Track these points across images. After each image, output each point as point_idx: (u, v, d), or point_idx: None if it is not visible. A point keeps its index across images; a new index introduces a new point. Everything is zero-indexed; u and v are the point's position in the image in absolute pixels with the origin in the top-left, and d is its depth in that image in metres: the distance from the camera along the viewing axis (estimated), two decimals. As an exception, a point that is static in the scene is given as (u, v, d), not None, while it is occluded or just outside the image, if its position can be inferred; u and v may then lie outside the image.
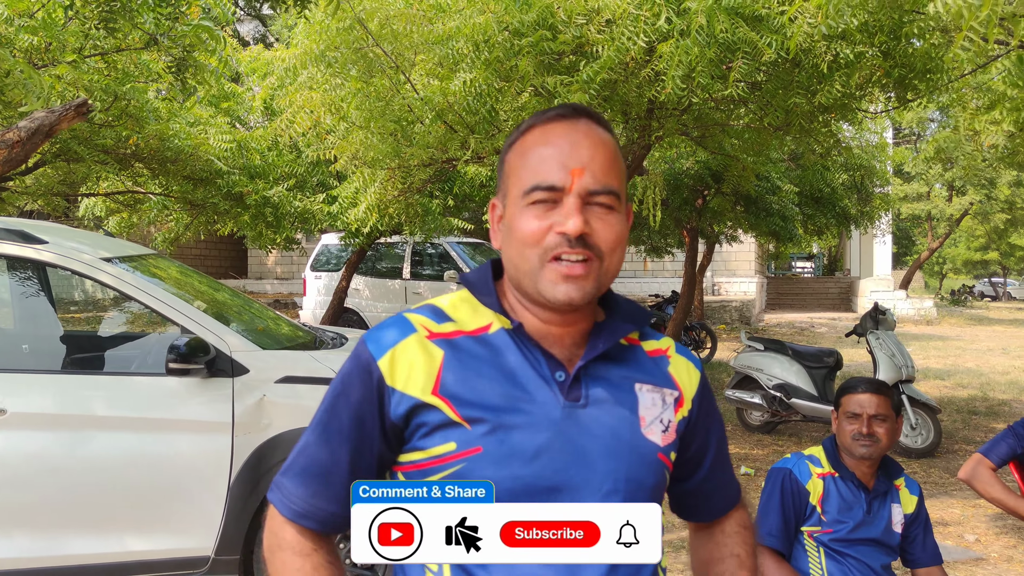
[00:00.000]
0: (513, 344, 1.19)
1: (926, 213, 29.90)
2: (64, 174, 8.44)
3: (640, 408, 1.21)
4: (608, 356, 1.22)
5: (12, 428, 3.34)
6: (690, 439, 1.29)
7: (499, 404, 1.14)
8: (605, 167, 1.15)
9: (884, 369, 6.99)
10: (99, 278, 3.61)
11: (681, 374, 1.29)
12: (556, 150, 1.14)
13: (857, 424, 2.51)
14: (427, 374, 1.16)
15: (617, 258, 1.16)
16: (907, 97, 5.77)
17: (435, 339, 1.19)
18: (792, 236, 10.56)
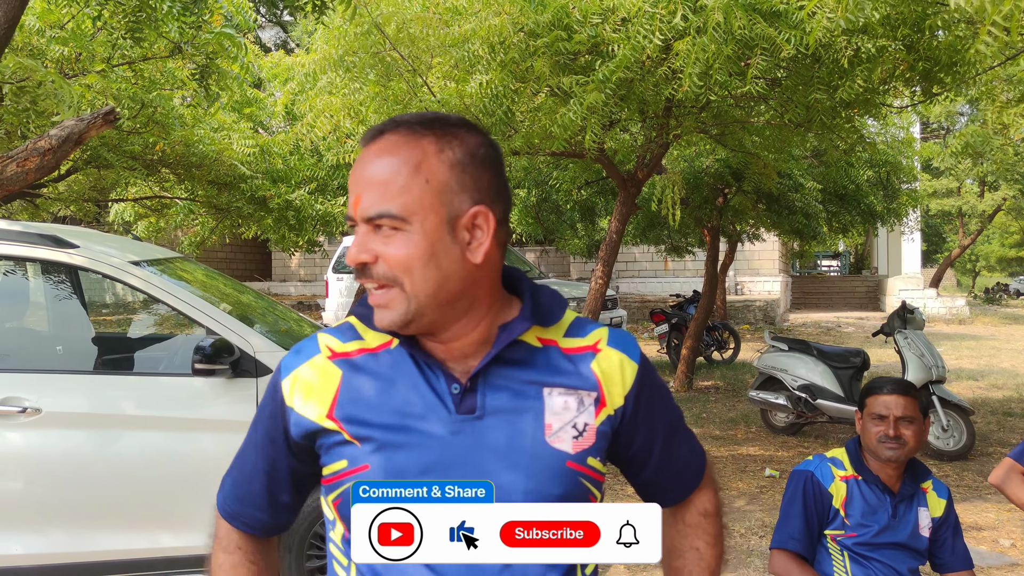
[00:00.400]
0: (411, 360, 1.17)
1: (957, 209, 29.53)
2: (95, 180, 8.60)
3: (547, 414, 1.15)
4: (512, 360, 1.16)
5: (47, 427, 3.42)
6: (630, 436, 1.23)
7: (388, 422, 1.13)
8: (382, 189, 1.09)
9: (913, 369, 6.89)
10: (128, 281, 3.69)
11: (610, 370, 1.20)
12: (352, 177, 1.13)
13: (883, 426, 2.44)
14: (323, 397, 1.17)
15: (419, 279, 1.09)
16: (932, 91, 5.72)
17: (335, 359, 1.19)
18: (816, 234, 10.47)
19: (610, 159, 6.89)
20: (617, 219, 6.73)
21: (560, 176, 9.47)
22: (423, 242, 1.09)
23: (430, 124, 1.13)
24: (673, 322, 11.77)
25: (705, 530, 1.32)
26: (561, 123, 4.62)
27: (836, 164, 9.74)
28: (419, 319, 1.11)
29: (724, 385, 10.64)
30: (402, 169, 1.09)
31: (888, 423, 2.43)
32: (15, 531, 3.40)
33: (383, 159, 1.10)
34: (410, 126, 1.12)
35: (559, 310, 1.21)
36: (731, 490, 5.88)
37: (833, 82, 4.86)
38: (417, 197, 1.09)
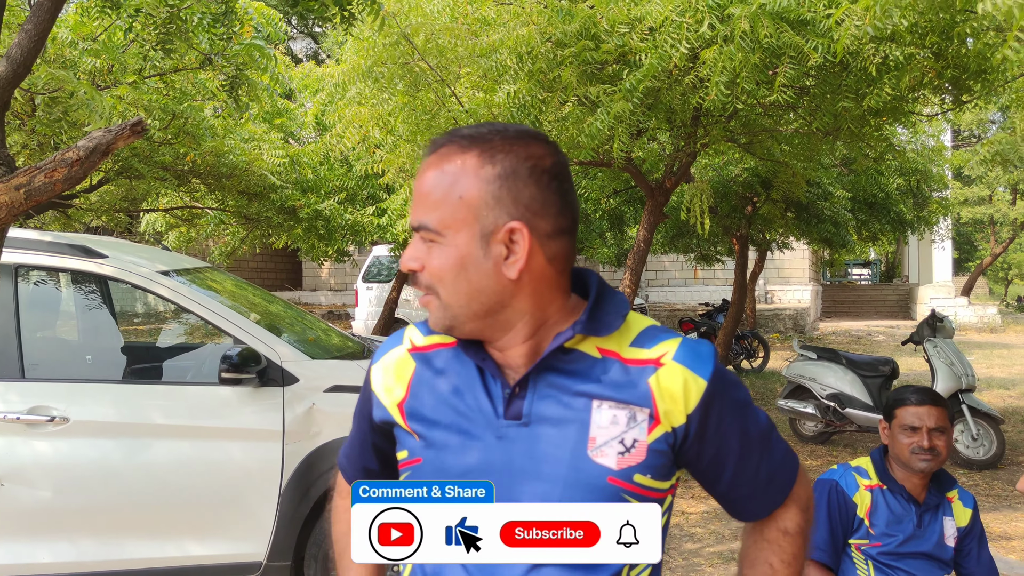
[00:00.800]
0: (471, 360, 1.20)
1: (988, 217, 29.11)
2: (126, 191, 8.72)
3: (592, 427, 1.13)
4: (565, 369, 1.16)
5: (76, 435, 3.46)
6: (698, 452, 1.19)
7: (440, 420, 1.19)
8: (424, 201, 1.14)
9: (943, 378, 6.82)
10: (156, 290, 3.74)
11: (671, 386, 1.15)
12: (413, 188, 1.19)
13: (916, 438, 2.41)
14: (398, 388, 1.26)
15: (452, 290, 1.13)
16: (962, 98, 5.66)
17: (414, 352, 1.27)
18: (845, 242, 10.37)
19: (638, 168, 6.88)
20: (645, 228, 6.71)
21: (589, 185, 9.46)
22: (454, 255, 1.11)
23: (479, 138, 1.14)
24: (702, 331, 11.70)
25: (782, 547, 1.27)
26: (589, 132, 4.62)
27: (865, 172, 9.66)
28: (459, 327, 1.16)
29: (753, 394, 10.52)
30: (441, 183, 1.12)
31: (922, 434, 2.41)
32: (44, 539, 3.43)
33: (430, 172, 1.15)
34: (461, 140, 1.14)
35: (616, 319, 1.18)
36: (759, 501, 5.82)
37: (861, 90, 4.82)
38: (451, 212, 1.11)
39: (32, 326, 4.26)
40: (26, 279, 3.92)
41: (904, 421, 2.45)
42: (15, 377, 3.51)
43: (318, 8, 3.92)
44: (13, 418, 3.41)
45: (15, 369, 3.53)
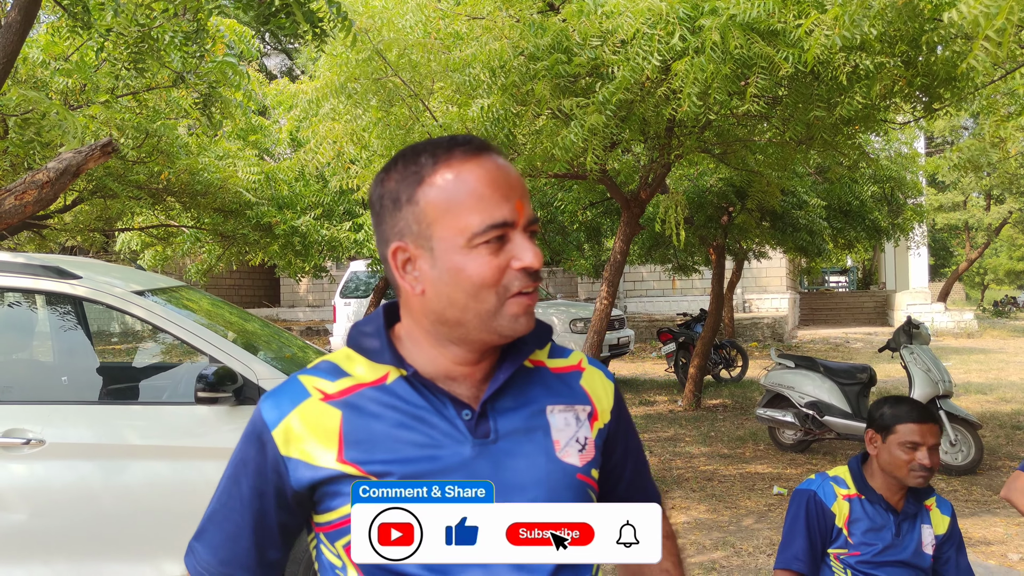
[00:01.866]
0: (414, 391, 1.15)
1: (963, 223, 29.48)
2: (100, 210, 8.65)
3: (553, 431, 1.18)
4: (513, 383, 1.19)
5: (51, 458, 3.42)
6: (610, 451, 1.28)
7: (407, 454, 1.11)
8: (526, 196, 1.14)
9: (920, 384, 6.87)
10: (130, 311, 3.71)
11: (596, 387, 1.27)
12: (495, 185, 1.10)
13: (917, 455, 2.41)
14: (327, 441, 1.13)
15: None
16: (933, 106, 5.73)
17: (330, 400, 1.16)
18: (821, 251, 10.45)
19: (613, 180, 6.91)
20: (621, 239, 6.73)
21: (565, 198, 9.49)
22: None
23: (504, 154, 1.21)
24: (680, 341, 11.74)
25: (670, 551, 1.33)
26: (563, 145, 4.64)
27: (840, 180, 9.74)
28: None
29: (732, 403, 10.59)
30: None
31: (923, 452, 2.42)
32: (21, 563, 3.39)
33: (516, 171, 1.16)
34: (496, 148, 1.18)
35: (547, 333, 1.25)
36: (739, 508, 5.84)
37: (832, 99, 4.88)
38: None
39: (5, 348, 4.21)
40: (0, 301, 3.88)
41: (904, 438, 2.44)
42: (-12, 400, 3.47)
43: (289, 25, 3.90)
44: (-14, 442, 3.36)
45: (-12, 392, 3.49)
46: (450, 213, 1.11)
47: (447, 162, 1.12)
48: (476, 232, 1.09)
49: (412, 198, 1.13)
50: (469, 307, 1.11)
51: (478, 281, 1.09)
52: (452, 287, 1.11)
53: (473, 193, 1.10)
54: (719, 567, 4.67)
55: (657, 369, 14.27)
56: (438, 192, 1.11)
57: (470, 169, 1.11)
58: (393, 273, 1.17)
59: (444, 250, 1.11)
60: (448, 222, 1.11)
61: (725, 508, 5.88)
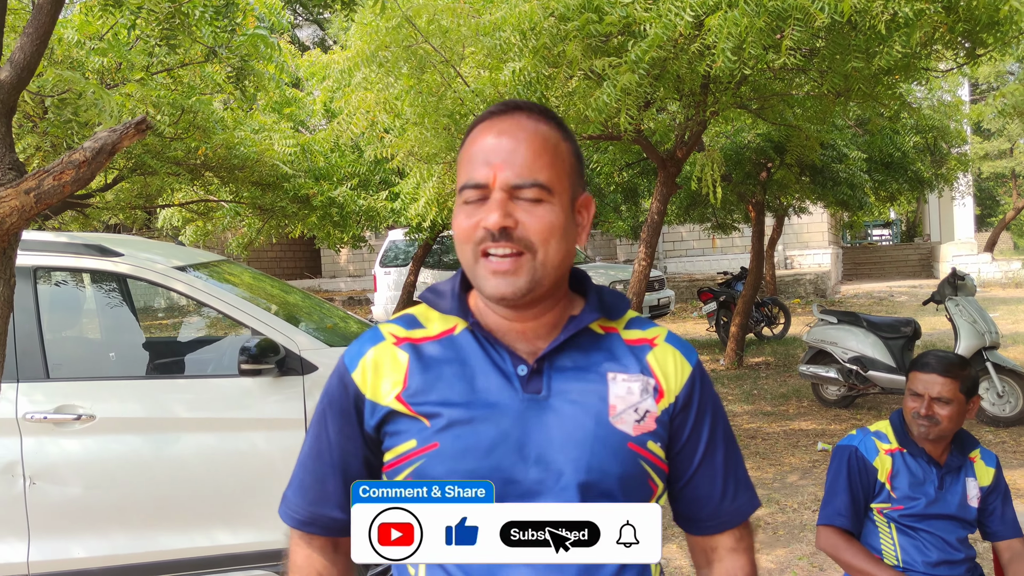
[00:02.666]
0: (476, 342, 1.22)
1: (1010, 171, 28.70)
2: (140, 187, 8.76)
3: (611, 396, 1.19)
4: (577, 346, 1.22)
5: (102, 432, 3.52)
6: (677, 435, 1.25)
7: (456, 400, 1.16)
8: (529, 160, 1.15)
9: (965, 336, 6.76)
10: (172, 286, 3.77)
11: (666, 365, 1.25)
12: (482, 148, 1.17)
13: (917, 403, 2.43)
14: (394, 379, 1.21)
15: (554, 249, 1.16)
16: (975, 52, 5.56)
17: (401, 344, 1.24)
18: (862, 204, 10.26)
19: (648, 140, 6.83)
20: (658, 200, 6.66)
21: (600, 159, 9.40)
22: (562, 215, 1.17)
23: (547, 114, 1.22)
24: (721, 300, 11.64)
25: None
26: (596, 106, 4.59)
27: (880, 132, 9.53)
28: (537, 289, 1.16)
29: (775, 361, 10.52)
30: (545, 145, 1.17)
31: (922, 401, 2.42)
32: (77, 535, 3.50)
33: (524, 133, 1.17)
34: (532, 111, 1.20)
35: (623, 306, 1.28)
36: (783, 465, 5.83)
37: (871, 49, 4.75)
38: (558, 173, 1.17)
39: (54, 326, 4.31)
40: (46, 280, 3.97)
41: (912, 386, 2.47)
42: (40, 378, 3.57)
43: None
44: (40, 418, 3.46)
45: (39, 369, 3.58)
46: (459, 173, 1.21)
47: (475, 126, 1.21)
48: (459, 189, 1.18)
49: (458, 159, 1.24)
50: (461, 260, 1.20)
51: (459, 236, 1.18)
52: (455, 240, 1.21)
53: (469, 154, 1.19)
54: (764, 524, 4.67)
55: (699, 329, 14.20)
56: (461, 153, 1.22)
57: (479, 131, 1.20)
58: None
59: (455, 205, 1.21)
60: (457, 181, 1.21)
61: (769, 465, 5.87)
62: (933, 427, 2.41)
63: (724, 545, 1.30)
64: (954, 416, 2.41)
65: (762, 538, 4.48)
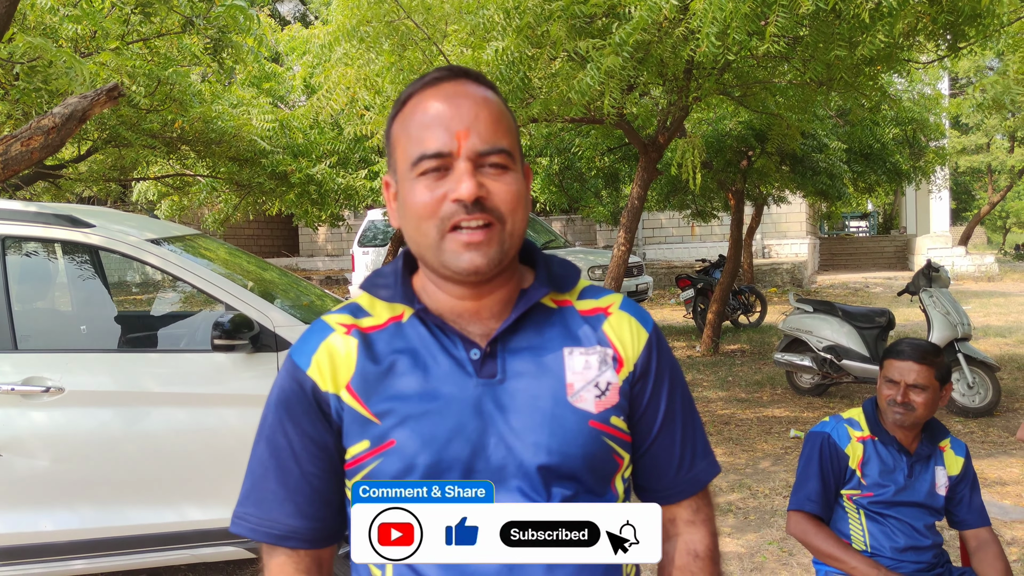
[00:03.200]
0: (425, 329, 1.16)
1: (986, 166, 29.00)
2: (115, 159, 8.63)
3: (568, 373, 1.14)
4: (530, 323, 1.17)
5: (71, 405, 3.46)
6: (636, 403, 1.20)
7: (408, 393, 1.11)
8: (491, 126, 1.10)
9: (938, 327, 6.83)
10: (145, 259, 3.71)
11: (622, 332, 1.20)
12: (437, 115, 1.09)
13: (893, 391, 2.44)
14: (345, 368, 1.15)
15: (519, 218, 1.11)
16: (957, 44, 5.58)
17: (351, 332, 1.17)
18: (841, 195, 10.32)
19: (630, 124, 6.82)
20: (639, 185, 6.66)
21: (582, 143, 9.38)
22: (521, 183, 1.12)
23: (488, 82, 1.17)
24: (699, 287, 11.69)
25: (694, 574, 1.23)
26: (579, 88, 4.57)
27: (861, 123, 9.57)
28: (504, 260, 1.11)
29: (750, 348, 10.59)
30: (502, 112, 1.13)
31: (898, 389, 2.43)
32: (44, 508, 3.46)
33: (479, 98, 1.11)
34: (476, 78, 1.15)
35: (574, 276, 1.23)
36: (756, 451, 5.87)
37: (854, 38, 4.76)
38: (515, 141, 1.13)
39: (23, 297, 4.25)
40: (15, 250, 3.89)
41: (888, 373, 2.48)
42: (8, 348, 3.50)
43: (298, -34, 3.82)
44: (8, 389, 3.40)
45: (7, 340, 3.52)
46: (403, 144, 1.12)
47: (414, 94, 1.14)
48: (412, 162, 1.10)
49: (389, 132, 1.17)
50: (418, 240, 1.13)
51: (416, 212, 1.10)
52: (404, 219, 1.14)
53: (418, 123, 1.11)
54: (735, 508, 4.71)
55: (676, 315, 14.26)
56: (400, 123, 1.14)
57: (425, 99, 1.12)
58: (387, 206, 1.21)
59: (400, 182, 1.14)
60: (401, 153, 1.13)
61: (742, 451, 5.90)
62: (909, 414, 2.43)
63: (682, 517, 1.25)
64: (929, 403, 2.43)
65: (733, 523, 4.51)
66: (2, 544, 3.41)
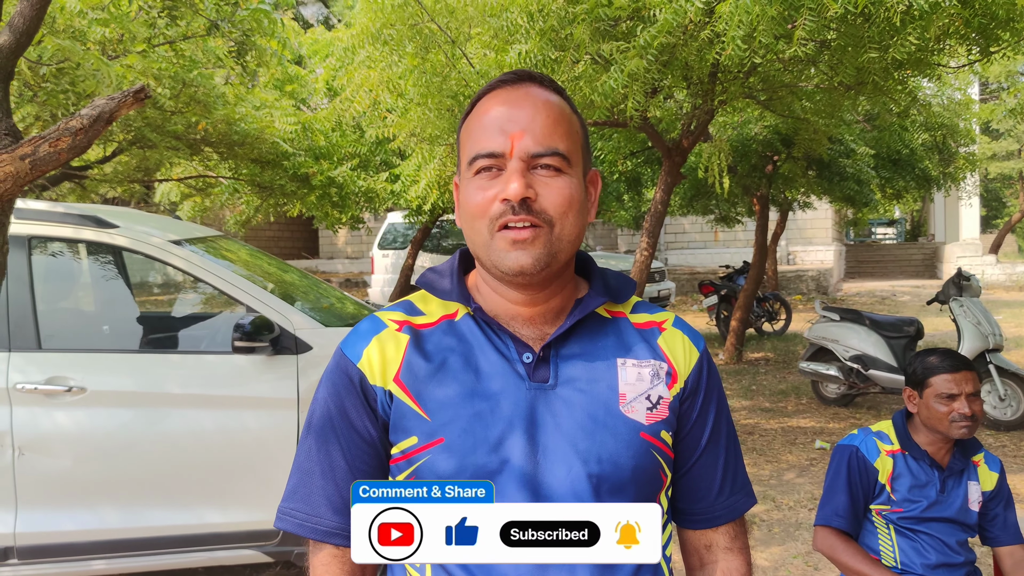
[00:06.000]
0: (479, 329, 1.16)
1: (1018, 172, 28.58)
2: (139, 160, 8.69)
3: (620, 384, 1.14)
4: (584, 331, 1.18)
5: (93, 405, 3.48)
6: (684, 421, 1.21)
7: (460, 392, 1.11)
8: (548, 128, 1.10)
9: (969, 338, 6.71)
10: (168, 260, 3.72)
11: (675, 349, 1.20)
12: (496, 118, 1.11)
13: (956, 405, 2.34)
14: (395, 363, 1.15)
15: (571, 223, 1.11)
16: (990, 49, 5.48)
17: (403, 328, 1.18)
18: (868, 201, 10.19)
19: (654, 128, 6.75)
20: (662, 189, 6.59)
21: (604, 146, 9.32)
22: (579, 187, 1.13)
23: (556, 86, 1.17)
24: (722, 293, 11.59)
25: None
26: (602, 91, 4.52)
27: (889, 128, 9.45)
28: (553, 263, 1.11)
29: (775, 357, 10.47)
30: (562, 115, 1.13)
31: (961, 401, 2.34)
32: (65, 508, 3.47)
33: (540, 102, 1.12)
34: (543, 81, 1.16)
35: (629, 289, 1.25)
36: (780, 463, 5.79)
37: (885, 41, 4.67)
38: (574, 144, 1.13)
39: (47, 297, 4.27)
40: (42, 250, 3.92)
41: (940, 390, 2.37)
42: (32, 348, 3.53)
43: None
44: (31, 388, 3.42)
45: (32, 340, 3.54)
46: (464, 146, 1.15)
47: (482, 98, 1.16)
48: (468, 163, 1.12)
49: (458, 135, 1.19)
50: (472, 239, 1.13)
51: (470, 211, 1.12)
52: (461, 218, 1.16)
53: (479, 125, 1.13)
54: (759, 521, 4.63)
55: (699, 322, 14.16)
56: (465, 127, 1.17)
57: (488, 101, 1.14)
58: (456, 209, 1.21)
59: (461, 181, 1.16)
60: (463, 155, 1.15)
61: (766, 462, 5.83)
62: (975, 424, 2.36)
63: (719, 544, 1.25)
64: (981, 410, 2.37)
65: (757, 535, 4.44)
66: (23, 543, 3.42)
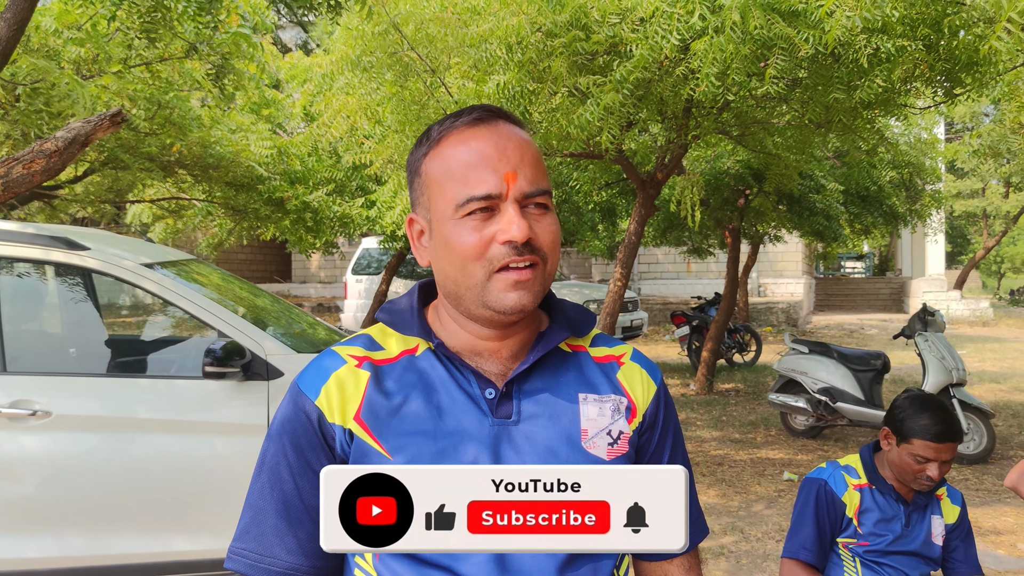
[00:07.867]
0: (440, 364, 1.14)
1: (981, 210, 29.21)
2: (111, 181, 8.64)
3: (582, 420, 1.14)
4: (546, 367, 1.17)
5: (59, 429, 3.42)
6: (640, 454, 1.21)
7: (422, 429, 1.09)
8: (534, 168, 1.10)
9: (933, 372, 6.82)
10: (139, 283, 3.69)
11: (634, 383, 1.21)
12: (484, 156, 1.08)
13: (927, 468, 2.36)
14: (355, 401, 1.12)
15: (555, 259, 1.12)
16: (954, 91, 5.63)
17: (363, 364, 1.15)
18: (837, 235, 10.36)
19: (629, 160, 6.84)
20: (636, 221, 6.67)
21: (580, 177, 9.41)
22: (559, 225, 1.13)
23: (520, 123, 1.16)
24: (694, 324, 11.67)
25: None
26: (579, 124, 4.58)
27: (858, 165, 9.64)
28: (540, 299, 1.11)
29: (745, 388, 10.55)
30: (539, 153, 1.13)
31: (934, 467, 2.35)
32: (29, 534, 3.40)
33: (521, 140, 1.11)
34: (511, 118, 1.14)
35: (589, 322, 1.23)
36: (749, 494, 5.81)
37: (853, 82, 4.79)
38: (550, 183, 1.13)
39: (13, 319, 4.20)
40: (8, 271, 3.87)
41: (918, 452, 2.37)
42: (-4, 370, 3.46)
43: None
44: (-6, 412, 3.36)
45: (-4, 362, 3.48)
46: (443, 184, 1.10)
47: (451, 132, 1.12)
48: (459, 204, 1.08)
49: (419, 169, 1.15)
50: (460, 280, 1.10)
51: (462, 254, 1.08)
52: (445, 260, 1.11)
53: (463, 163, 1.09)
54: (728, 552, 4.65)
55: (670, 352, 14.23)
56: (437, 163, 1.12)
57: (467, 139, 1.11)
58: (411, 244, 1.19)
59: (438, 221, 1.11)
60: (441, 193, 1.11)
61: (735, 493, 5.85)
62: (935, 483, 2.39)
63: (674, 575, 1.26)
64: (948, 470, 2.41)
65: (725, 567, 4.45)
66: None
